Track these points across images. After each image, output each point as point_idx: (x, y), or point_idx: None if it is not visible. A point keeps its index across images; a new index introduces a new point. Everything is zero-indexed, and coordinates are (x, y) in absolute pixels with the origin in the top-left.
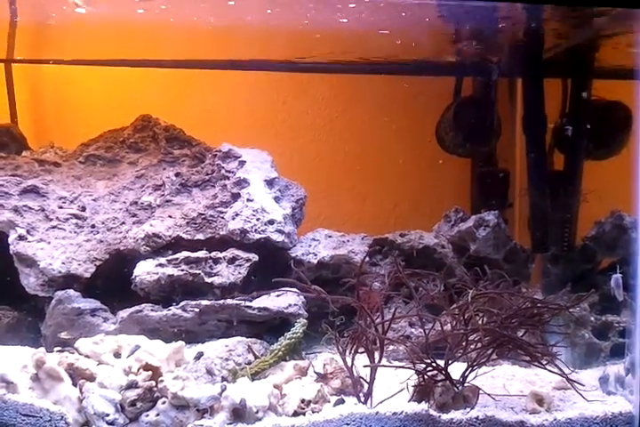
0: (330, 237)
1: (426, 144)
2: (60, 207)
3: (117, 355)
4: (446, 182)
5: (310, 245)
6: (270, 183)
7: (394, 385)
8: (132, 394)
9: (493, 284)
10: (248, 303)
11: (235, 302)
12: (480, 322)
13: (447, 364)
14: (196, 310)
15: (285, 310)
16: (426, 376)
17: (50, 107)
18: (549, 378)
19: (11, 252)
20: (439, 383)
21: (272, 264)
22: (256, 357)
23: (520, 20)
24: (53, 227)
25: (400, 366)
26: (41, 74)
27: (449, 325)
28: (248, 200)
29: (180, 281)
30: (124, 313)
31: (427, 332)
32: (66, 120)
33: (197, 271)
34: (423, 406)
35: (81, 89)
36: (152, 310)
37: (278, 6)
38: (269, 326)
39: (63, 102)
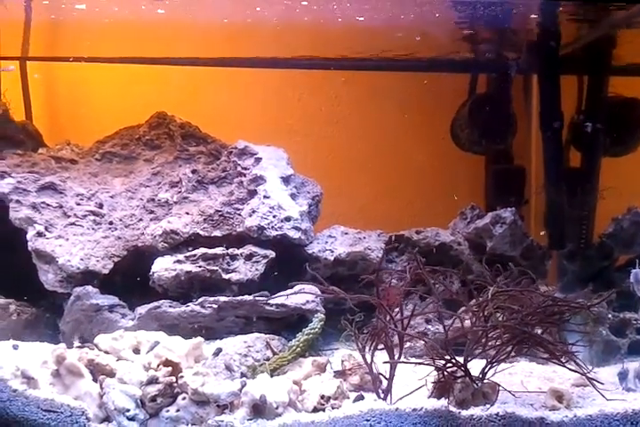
0: (346, 233)
1: (439, 141)
2: (78, 204)
3: (137, 351)
4: (459, 179)
5: (327, 242)
6: (286, 180)
7: (412, 382)
8: (152, 390)
9: (512, 281)
10: (266, 300)
11: (252, 298)
12: (500, 319)
13: (466, 360)
14: (215, 306)
15: (303, 307)
16: (445, 373)
17: (63, 104)
18: (567, 375)
19: (29, 248)
20: (459, 380)
21: (288, 261)
22: (274, 353)
23: (536, 17)
24: (71, 224)
25: (420, 363)
26: (55, 72)
27: (468, 321)
28: (265, 197)
29: (198, 277)
30: (142, 309)
31: (446, 328)
32: (79, 117)
33: (215, 268)
34: (443, 402)
35: (94, 87)
36: (170, 306)
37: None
38: (287, 323)
39: (76, 100)
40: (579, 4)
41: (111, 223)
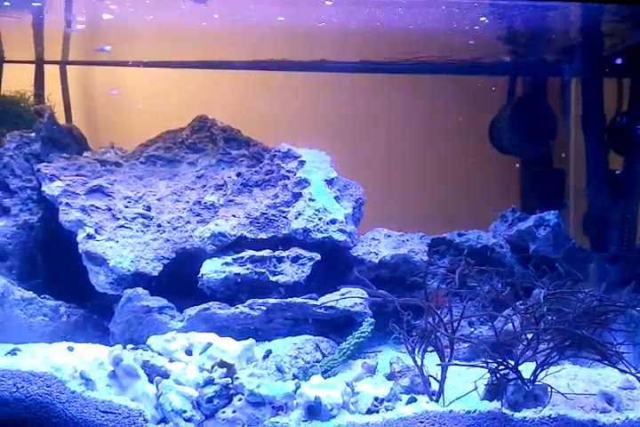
0: (389, 236)
1: (474, 144)
2: (126, 207)
3: (188, 352)
4: (493, 181)
5: (370, 245)
6: (330, 183)
7: (459, 384)
8: (209, 391)
9: (559, 283)
10: (314, 302)
11: (301, 300)
12: (550, 321)
13: (518, 363)
14: (263, 308)
15: (351, 309)
16: (498, 375)
17: (100, 108)
18: (612, 378)
19: (80, 250)
20: (511, 382)
21: (333, 263)
22: (323, 355)
23: (579, 20)
24: (121, 226)
25: (473, 365)
26: (92, 76)
27: (517, 324)
28: (310, 200)
29: (246, 279)
30: (191, 311)
31: (496, 331)
32: (116, 121)
33: (262, 270)
34: (496, 404)
35: (130, 91)
36: (219, 308)
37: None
38: (335, 325)
39: (113, 104)
40: (623, 5)
41: (159, 226)
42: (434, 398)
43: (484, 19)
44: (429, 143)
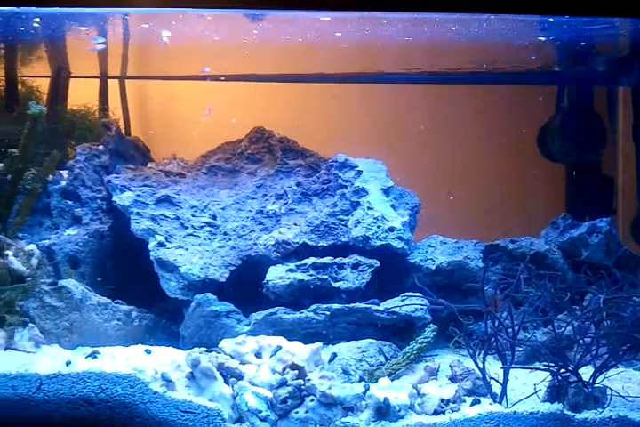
0: (444, 243)
1: (518, 151)
2: (193, 216)
3: (258, 355)
4: (538, 188)
5: (427, 252)
6: (387, 192)
7: (516, 386)
8: (283, 392)
9: (616, 288)
10: (377, 307)
11: (364, 305)
12: (609, 325)
13: (578, 366)
14: (327, 313)
15: (412, 314)
16: (560, 377)
17: (155, 120)
18: None
19: (151, 258)
20: (572, 384)
21: (390, 269)
22: (386, 358)
23: (630, 31)
24: (189, 234)
25: (536, 368)
26: (147, 90)
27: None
28: (368, 208)
29: (309, 285)
30: (257, 315)
31: (557, 335)
32: (170, 132)
33: (325, 276)
34: (557, 406)
35: (182, 103)
36: (285, 312)
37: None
38: (396, 329)
39: (167, 116)
40: None
41: (225, 234)
42: (496, 399)
43: (542, 37)
44: (480, 152)
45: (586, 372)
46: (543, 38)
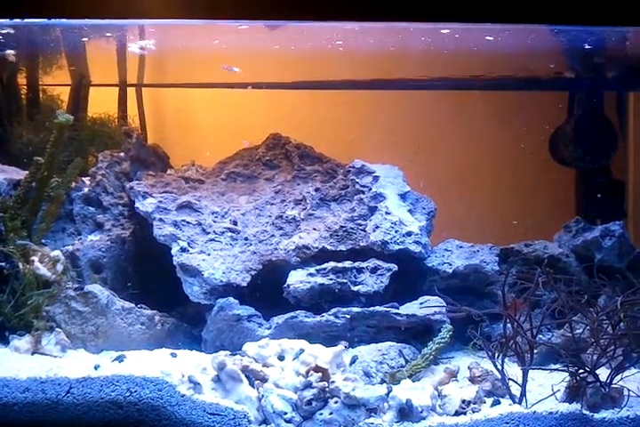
0: (461, 247)
1: (528, 156)
2: (214, 221)
3: (281, 358)
4: (547, 192)
5: (444, 255)
6: (403, 197)
7: (533, 388)
8: (308, 394)
9: (633, 290)
10: (396, 310)
11: (384, 309)
12: (625, 327)
13: (595, 366)
14: (348, 316)
15: (431, 317)
16: (578, 378)
17: (170, 127)
18: None
19: (174, 263)
20: (589, 385)
21: (408, 274)
22: (407, 361)
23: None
24: (211, 240)
25: (554, 369)
26: (163, 97)
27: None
28: (386, 213)
29: (329, 289)
30: (278, 319)
31: (574, 337)
32: (185, 139)
33: (344, 280)
34: (576, 406)
35: (197, 110)
36: (306, 316)
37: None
38: (415, 332)
39: (183, 123)
40: None
41: (246, 239)
42: (516, 400)
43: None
44: (485, 157)
45: (602, 373)
46: (555, 44)
